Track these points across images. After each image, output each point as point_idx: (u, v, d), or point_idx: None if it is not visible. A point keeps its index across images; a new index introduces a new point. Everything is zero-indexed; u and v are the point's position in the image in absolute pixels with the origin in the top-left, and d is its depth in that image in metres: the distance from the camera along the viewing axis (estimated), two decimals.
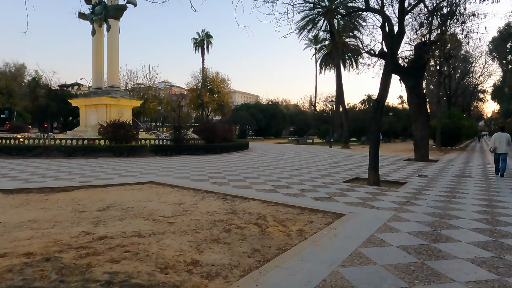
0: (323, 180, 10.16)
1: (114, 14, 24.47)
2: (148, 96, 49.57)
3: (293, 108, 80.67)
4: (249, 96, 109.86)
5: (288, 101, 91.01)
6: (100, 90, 24.68)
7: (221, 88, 61.58)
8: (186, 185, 8.52)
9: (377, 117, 9.69)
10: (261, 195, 7.51)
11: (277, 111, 57.07)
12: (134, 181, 9.05)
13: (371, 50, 15.75)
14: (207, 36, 60.85)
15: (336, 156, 19.75)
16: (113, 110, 23.40)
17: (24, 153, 15.15)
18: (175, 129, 19.56)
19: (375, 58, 22.76)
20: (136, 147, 16.94)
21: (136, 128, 18.24)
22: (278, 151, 23.89)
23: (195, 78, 60.82)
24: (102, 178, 9.66)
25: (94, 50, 25.80)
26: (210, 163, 14.11)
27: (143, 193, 7.85)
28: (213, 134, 21.48)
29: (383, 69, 10.33)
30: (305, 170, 12.46)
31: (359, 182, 10.15)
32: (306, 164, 14.94)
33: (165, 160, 15.28)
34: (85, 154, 15.71)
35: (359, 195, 7.89)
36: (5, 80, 54.72)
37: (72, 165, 12.65)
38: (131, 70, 50.39)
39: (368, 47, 17.50)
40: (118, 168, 11.88)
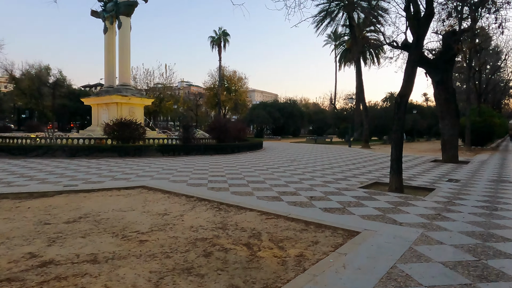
0: (338, 185, 8.95)
1: (125, 11, 23.96)
2: (165, 95, 49.39)
3: (313, 106, 78.81)
4: (268, 95, 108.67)
5: (308, 100, 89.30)
6: (112, 88, 24.27)
7: (238, 87, 60.78)
8: (179, 191, 7.54)
9: (400, 115, 8.39)
10: (262, 204, 6.42)
11: (295, 110, 55.61)
12: (124, 186, 8.16)
13: (393, 41, 14.33)
14: (224, 34, 60.14)
15: (354, 157, 18.36)
16: (124, 108, 22.88)
17: (26, 153, 14.68)
18: (183, 128, 18.74)
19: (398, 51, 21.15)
20: (141, 147, 16.19)
21: (142, 127, 17.50)
22: (293, 151, 22.68)
23: (212, 76, 60.26)
24: (92, 181, 8.83)
25: (106, 48, 25.42)
26: (216, 164, 13.12)
27: (128, 200, 6.92)
28: (225, 133, 20.52)
29: (406, 61, 9.02)
30: (319, 173, 11.25)
31: (379, 187, 8.87)
32: (320, 165, 13.70)
33: (169, 160, 14.43)
34: (89, 154, 15.09)
35: (379, 204, 6.66)
36: (28, 80, 55.94)
37: (70, 166, 11.97)
38: (147, 69, 50.07)
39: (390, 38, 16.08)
40: (115, 170, 11.08)
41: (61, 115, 48.22)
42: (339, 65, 49.34)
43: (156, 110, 47.95)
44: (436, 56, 16.23)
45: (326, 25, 33.40)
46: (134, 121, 17.39)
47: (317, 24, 33.31)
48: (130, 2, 23.90)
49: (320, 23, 33.14)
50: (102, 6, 25.26)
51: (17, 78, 52.96)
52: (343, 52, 43.59)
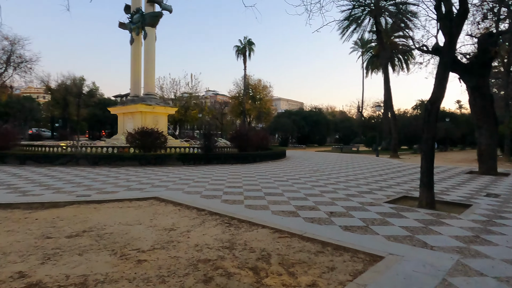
0: (362, 199, 8.28)
1: (151, 22, 24.43)
2: (190, 104, 50.01)
3: (339, 115, 77.31)
4: (294, 103, 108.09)
5: (334, 108, 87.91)
6: (137, 97, 24.69)
7: (263, 95, 60.69)
8: (191, 203, 7.19)
9: (430, 122, 7.67)
10: (276, 221, 5.93)
11: (320, 118, 54.65)
12: (136, 196, 7.92)
13: (423, 46, 13.53)
14: (249, 43, 60.52)
15: (382, 167, 17.42)
16: (148, 117, 23.19)
17: (51, 161, 14.98)
18: (204, 137, 18.57)
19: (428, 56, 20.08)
20: (162, 156, 16.13)
21: (164, 136, 17.48)
22: (317, 160, 21.96)
23: (237, 85, 60.60)
24: (106, 191, 8.68)
25: (132, 59, 25.99)
26: (235, 174, 12.74)
27: (137, 212, 6.65)
28: (246, 142, 20.19)
29: (438, 65, 8.33)
30: (342, 185, 10.59)
31: (407, 202, 8.12)
32: (344, 176, 13.00)
33: (189, 170, 14.21)
34: (111, 163, 15.19)
35: (407, 223, 5.98)
36: (62, 91, 58.57)
37: (89, 175, 11.99)
38: (174, 79, 51.01)
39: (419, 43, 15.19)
40: (132, 179, 10.94)
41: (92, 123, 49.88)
42: (366, 72, 48.08)
43: (182, 118, 48.57)
44: (471, 60, 15.16)
45: (352, 32, 32.57)
46: (156, 130, 17.42)
47: (342, 31, 32.57)
48: (155, 13, 24.37)
49: (346, 29, 32.37)
50: (129, 17, 25.92)
51: (52, 89, 55.55)
52: (370, 58, 42.41)
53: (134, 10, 25.14)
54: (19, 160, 15.00)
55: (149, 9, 24.54)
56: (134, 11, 25.32)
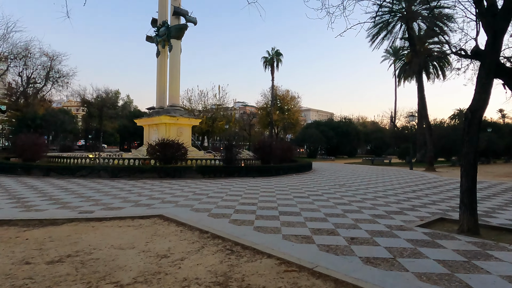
0: (390, 221, 7.25)
1: (176, 34, 24.59)
2: (218, 115, 50.16)
3: (371, 125, 74.70)
4: (324, 114, 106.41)
5: (365, 118, 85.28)
6: (162, 109, 24.80)
7: (291, 106, 59.98)
8: (195, 223, 6.53)
9: (471, 134, 6.59)
10: (285, 248, 5.12)
11: (350, 129, 52.87)
12: (141, 214, 7.39)
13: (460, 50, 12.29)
14: (277, 54, 60.29)
15: (415, 182, 16.00)
16: (172, 129, 23.14)
17: (73, 172, 15.01)
18: (225, 149, 18.05)
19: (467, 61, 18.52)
20: (181, 168, 15.74)
21: (184, 148, 17.14)
22: (346, 173, 20.75)
23: (264, 96, 60.34)
24: (112, 207, 8.24)
25: (158, 71, 26.27)
26: (253, 189, 12.01)
27: (136, 233, 6.08)
28: (270, 153, 19.46)
29: (478, 70, 7.30)
30: (369, 203, 9.54)
31: (444, 226, 7.00)
32: (373, 192, 11.87)
33: (207, 183, 13.66)
34: (130, 175, 14.99)
35: (444, 255, 4.95)
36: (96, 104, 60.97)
37: (104, 188, 11.73)
38: (202, 90, 51.59)
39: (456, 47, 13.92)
40: (145, 194, 10.51)
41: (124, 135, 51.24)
42: (399, 81, 46.01)
43: (209, 130, 48.73)
44: None
45: (382, 39, 31.15)
46: (176, 142, 17.12)
47: (372, 38, 31.24)
48: (180, 26, 24.52)
49: (375, 36, 31.03)
50: (155, 31, 26.32)
51: (88, 102, 57.96)
52: (403, 66, 40.50)
53: (160, 24, 25.49)
54: (43, 171, 15.17)
55: (174, 22, 24.76)
56: (160, 24, 25.67)
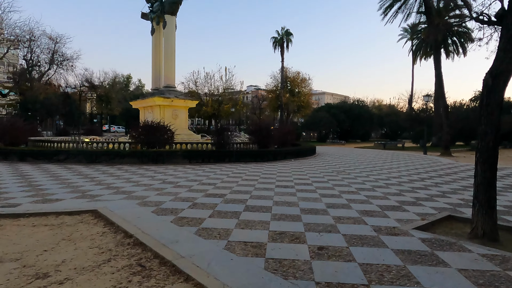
0: (381, 220, 5.67)
1: (170, 9, 22.96)
2: (224, 98, 48.55)
3: (387, 108, 71.64)
4: (339, 97, 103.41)
5: (381, 101, 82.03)
6: (157, 91, 23.46)
7: (301, 88, 57.78)
8: (127, 223, 5.13)
9: (492, 107, 4.88)
10: (219, 264, 3.64)
11: (363, 111, 50.39)
12: (73, 209, 6.04)
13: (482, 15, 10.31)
14: (287, 34, 57.83)
15: (427, 168, 14.18)
16: (167, 111, 21.85)
17: (49, 157, 13.91)
18: (217, 132, 16.58)
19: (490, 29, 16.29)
20: (164, 153, 14.39)
21: (171, 131, 15.75)
22: (351, 158, 19.02)
23: (274, 78, 58.31)
24: (50, 199, 6.94)
25: (153, 50, 24.86)
26: (235, 177, 10.56)
27: (45, 235, 4.74)
28: (266, 137, 17.89)
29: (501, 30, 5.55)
30: (363, 195, 7.94)
31: (452, 228, 5.39)
32: (373, 181, 10.23)
33: (188, 169, 12.29)
34: (109, 160, 13.76)
35: (446, 278, 3.39)
36: (104, 88, 60.30)
37: (66, 174, 10.50)
38: (208, 73, 49.76)
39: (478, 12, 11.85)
40: (106, 182, 9.19)
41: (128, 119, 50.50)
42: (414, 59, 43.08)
43: (215, 113, 47.28)
44: None
45: (395, 11, 28.45)
46: (162, 124, 15.76)
47: (384, 11, 28.54)
48: (174, 0, 22.82)
49: (388, 9, 28.38)
50: (149, 7, 24.77)
51: (95, 86, 57.32)
52: (419, 43, 37.60)
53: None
54: (17, 156, 14.13)
55: None
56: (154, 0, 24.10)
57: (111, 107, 58.81)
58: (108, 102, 59.98)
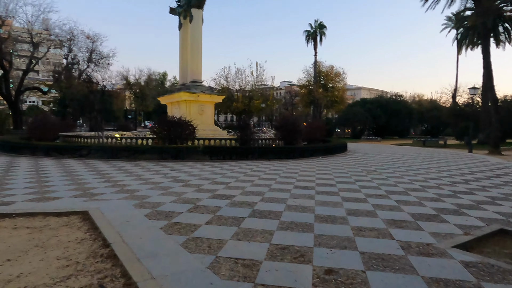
0: (412, 234, 4.64)
1: (196, 2, 22.55)
2: (255, 94, 47.85)
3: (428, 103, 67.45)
4: (376, 92, 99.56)
5: (421, 96, 77.56)
6: (183, 86, 23.23)
7: (335, 83, 55.74)
8: (111, 229, 4.53)
9: None
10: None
11: (400, 106, 47.68)
12: (63, 209, 5.56)
13: None
14: (320, 26, 56.04)
15: (472, 169, 12.58)
16: (193, 106, 21.49)
17: (72, 152, 13.94)
18: (239, 128, 15.89)
19: None
20: (184, 149, 13.93)
21: (192, 126, 15.28)
22: (385, 156, 17.59)
23: (307, 73, 56.75)
24: (47, 197, 6.55)
25: (181, 45, 24.58)
26: (253, 175, 9.79)
27: (19, 240, 4.26)
28: (293, 133, 16.94)
29: None
30: (394, 199, 6.85)
31: (505, 247, 4.27)
32: (407, 183, 9.02)
33: (206, 167, 11.69)
34: (129, 156, 13.54)
35: None
36: (139, 85, 61.90)
37: (80, 170, 10.26)
38: (239, 68, 49.36)
39: None
40: (114, 179, 8.77)
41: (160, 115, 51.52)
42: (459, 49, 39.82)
43: (245, 109, 46.72)
44: None
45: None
46: (183, 120, 15.33)
47: None
48: None
49: None
50: (177, 1, 24.55)
51: (131, 83, 59.02)
52: (465, 32, 34.53)
53: None
54: (44, 151, 14.30)
55: None
56: None
57: (146, 103, 60.26)
58: (143, 98, 61.46)
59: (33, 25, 35.52)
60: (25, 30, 35.41)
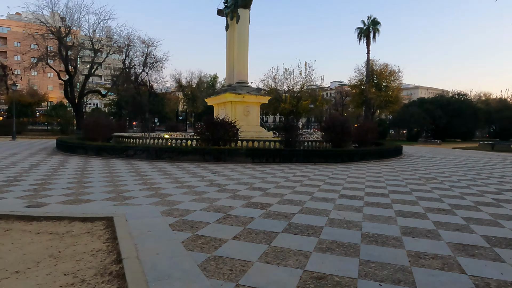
0: (492, 266, 3.63)
1: (243, 2, 22.30)
2: (303, 94, 46.70)
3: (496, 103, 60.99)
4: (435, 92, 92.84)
5: (489, 95, 70.54)
6: (229, 87, 23.13)
7: (389, 82, 52.57)
8: (128, 240, 4.14)
9: None
10: None
11: (464, 106, 43.52)
12: (90, 214, 5.33)
13: None
14: (374, 23, 53.23)
15: None
16: (238, 107, 21.28)
17: (119, 152, 14.30)
18: (284, 129, 15.19)
19: None
20: (225, 150, 13.57)
21: (235, 127, 14.92)
22: (447, 161, 15.77)
23: (358, 72, 54.17)
24: (81, 199, 6.44)
25: (228, 46, 24.54)
26: (295, 181, 9.07)
27: (36, 248, 4.03)
28: (342, 134, 15.85)
29: None
30: (460, 215, 5.72)
31: None
32: (476, 194, 7.69)
33: (247, 169, 11.19)
34: (172, 157, 13.52)
35: None
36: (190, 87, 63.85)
37: (119, 171, 10.29)
38: (287, 68, 48.47)
39: None
40: (152, 181, 8.58)
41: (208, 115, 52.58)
42: None
43: (293, 110, 45.78)
44: None
45: None
46: (226, 121, 15.03)
47: None
48: None
49: None
50: (224, 2, 24.58)
51: (183, 86, 61.10)
52: None
53: None
54: (95, 151, 14.86)
55: None
56: None
57: (196, 105, 61.92)
58: (194, 100, 63.24)
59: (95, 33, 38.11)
60: (87, 38, 38.11)
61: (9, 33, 70.46)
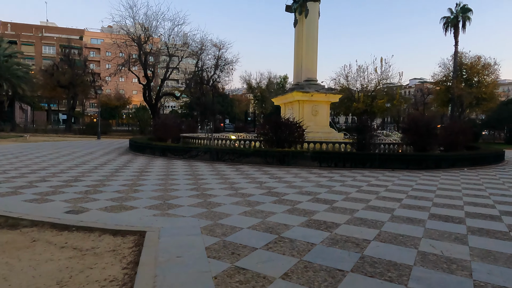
0: None
1: None
2: (378, 92, 43.14)
3: None
4: None
5: None
6: (297, 85, 21.94)
7: (482, 77, 45.90)
8: (148, 272, 3.28)
9: None
10: None
11: None
12: (124, 226, 4.65)
13: None
14: (464, 10, 47.13)
15: None
16: (306, 106, 20.04)
17: (183, 153, 14.12)
18: (357, 131, 13.46)
19: None
20: (289, 153, 12.40)
21: (301, 128, 13.65)
22: None
23: (444, 67, 48.30)
24: (123, 206, 5.89)
25: (296, 43, 23.38)
26: (372, 191, 7.54)
27: (46, 269, 3.40)
28: (426, 137, 13.53)
29: None
30: None
31: None
32: None
33: (312, 176, 9.89)
34: (234, 159, 12.85)
35: None
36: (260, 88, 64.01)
37: (176, 173, 9.80)
38: (360, 65, 45.23)
39: None
40: (207, 186, 7.84)
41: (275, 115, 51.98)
42: None
43: (367, 110, 42.54)
44: None
45: None
46: (291, 121, 13.86)
47: None
48: None
49: None
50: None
51: (253, 87, 61.53)
52: None
53: None
54: (160, 151, 14.95)
55: None
56: None
57: (266, 106, 61.75)
58: (263, 101, 63.17)
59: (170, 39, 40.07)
60: (163, 44, 40.25)
61: (102, 44, 78.89)
